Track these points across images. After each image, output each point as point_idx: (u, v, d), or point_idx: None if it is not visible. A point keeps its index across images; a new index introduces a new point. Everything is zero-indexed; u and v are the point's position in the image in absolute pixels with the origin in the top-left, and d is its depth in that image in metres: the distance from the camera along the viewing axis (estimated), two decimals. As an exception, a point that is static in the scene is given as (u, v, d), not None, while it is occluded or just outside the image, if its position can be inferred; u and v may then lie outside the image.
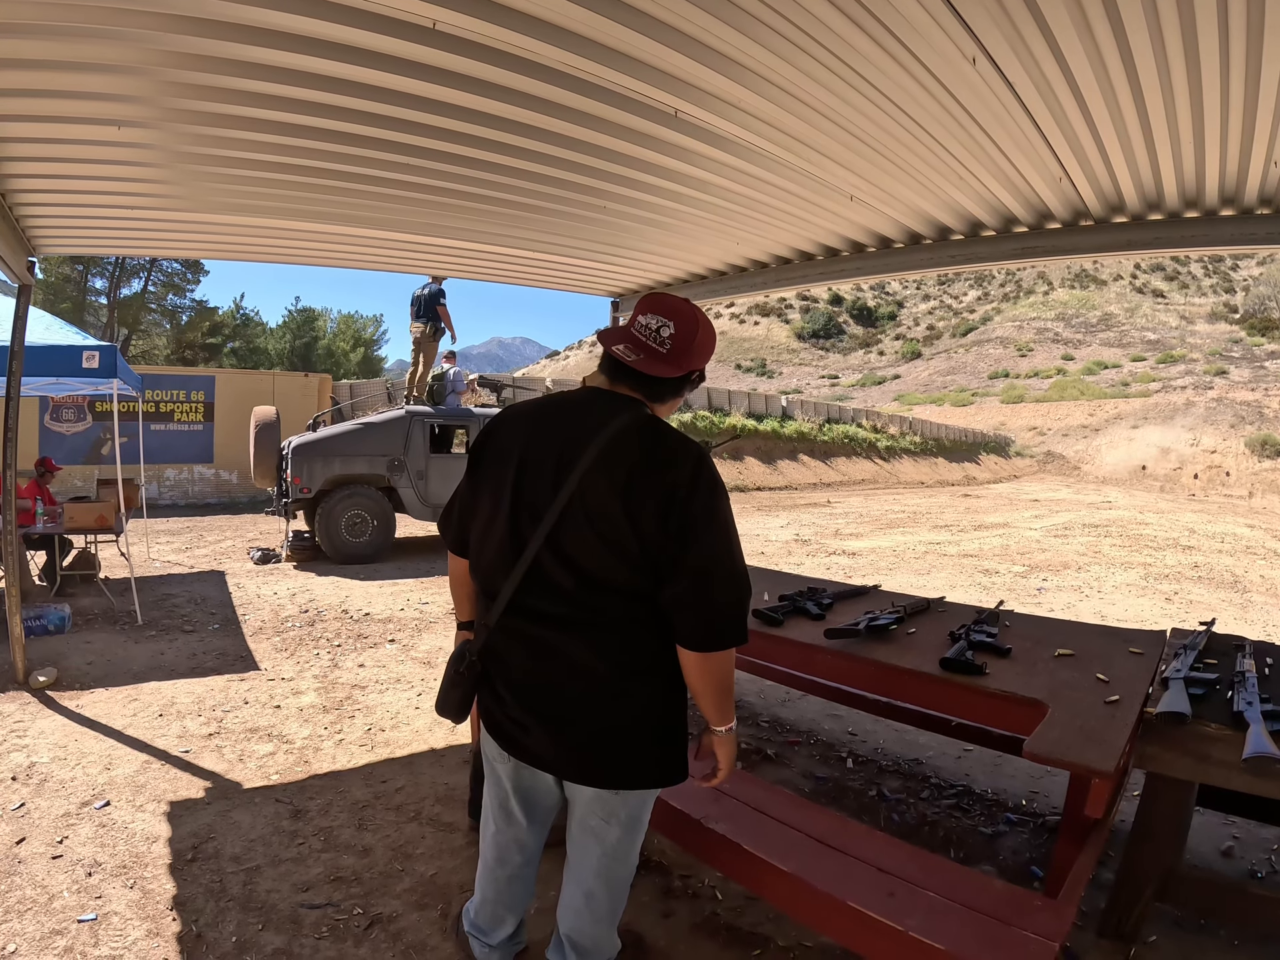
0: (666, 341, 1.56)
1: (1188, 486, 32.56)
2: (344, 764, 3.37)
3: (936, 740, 3.59)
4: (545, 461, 1.54)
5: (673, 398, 1.66)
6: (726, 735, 1.62)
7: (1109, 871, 2.46)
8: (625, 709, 1.55)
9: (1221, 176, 2.87)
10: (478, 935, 1.98)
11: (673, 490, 1.45)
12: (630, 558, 1.47)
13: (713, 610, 1.48)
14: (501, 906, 1.93)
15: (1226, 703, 2.04)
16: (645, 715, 1.57)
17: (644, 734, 1.58)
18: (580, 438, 1.52)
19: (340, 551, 8.13)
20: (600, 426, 1.52)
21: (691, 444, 1.55)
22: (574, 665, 1.54)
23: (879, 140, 2.67)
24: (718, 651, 1.50)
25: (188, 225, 3.98)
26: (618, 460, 1.48)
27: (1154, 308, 71.50)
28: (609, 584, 1.50)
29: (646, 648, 1.55)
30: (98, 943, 2.16)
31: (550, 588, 1.53)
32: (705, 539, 1.46)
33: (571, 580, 1.51)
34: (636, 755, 1.58)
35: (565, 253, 4.50)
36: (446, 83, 2.38)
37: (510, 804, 1.79)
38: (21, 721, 3.69)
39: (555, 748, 1.59)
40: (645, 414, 1.57)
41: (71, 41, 2.09)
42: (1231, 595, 7.70)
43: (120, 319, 25.40)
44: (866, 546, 10.68)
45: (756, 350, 79.31)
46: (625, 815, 1.65)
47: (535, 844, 1.88)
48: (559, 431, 1.57)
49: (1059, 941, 1.52)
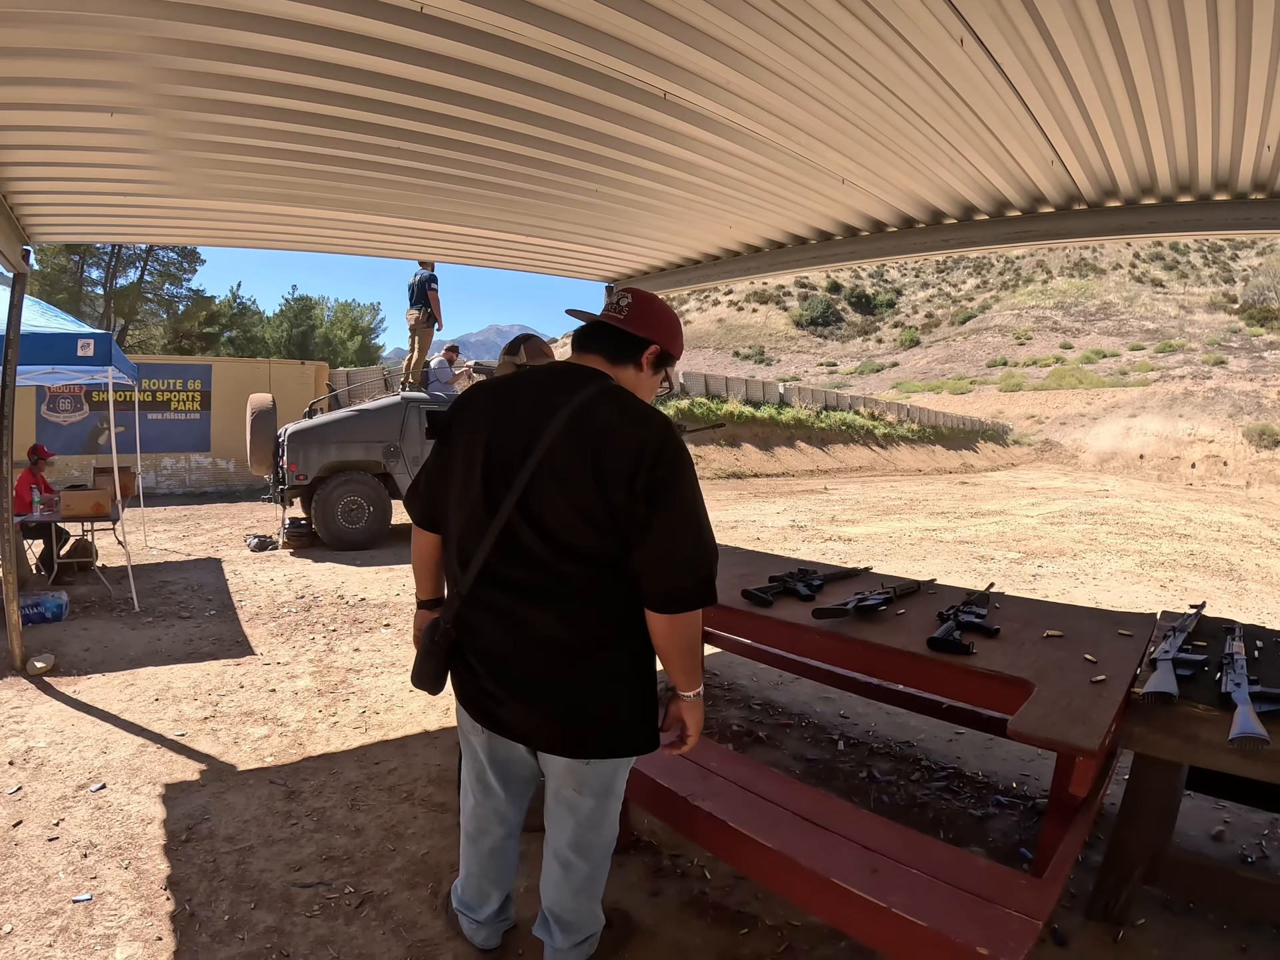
0: (625, 309, 1.67)
1: (1185, 476, 32.61)
2: (338, 746, 3.39)
3: (928, 723, 3.61)
4: (516, 430, 1.57)
5: (634, 366, 1.69)
6: (694, 700, 1.64)
7: (1098, 854, 2.46)
8: (594, 679, 1.57)
9: (1214, 160, 2.86)
10: (465, 912, 2.01)
11: (639, 455, 1.47)
12: (598, 522, 1.49)
13: (680, 572, 1.50)
14: (486, 881, 1.95)
15: (1215, 684, 2.04)
16: (614, 685, 1.58)
17: (613, 704, 1.59)
18: (549, 406, 1.56)
19: (336, 538, 8.14)
20: (569, 395, 1.56)
21: (656, 412, 1.58)
22: (542, 635, 1.55)
23: (869, 122, 2.66)
24: (685, 613, 1.53)
25: (182, 212, 3.97)
26: (585, 425, 1.52)
27: (1153, 297, 71.38)
28: (577, 549, 1.51)
29: (614, 617, 1.56)
30: (92, 922, 2.18)
31: (521, 554, 1.54)
32: (672, 503, 1.49)
33: (541, 545, 1.52)
34: (606, 725, 1.59)
35: (558, 237, 4.48)
36: (435, 66, 2.37)
37: (487, 776, 1.81)
38: (19, 707, 3.71)
39: (526, 718, 1.60)
40: (612, 384, 1.62)
41: (62, 29, 2.09)
42: (1227, 583, 7.70)
43: (117, 309, 25.26)
44: (862, 533, 10.69)
45: (755, 337, 79.15)
46: (597, 785, 1.67)
47: (515, 816, 1.89)
48: (529, 401, 1.60)
49: (1042, 919, 1.52)
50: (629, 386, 1.67)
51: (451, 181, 3.49)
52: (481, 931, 1.99)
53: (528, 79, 2.45)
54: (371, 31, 2.18)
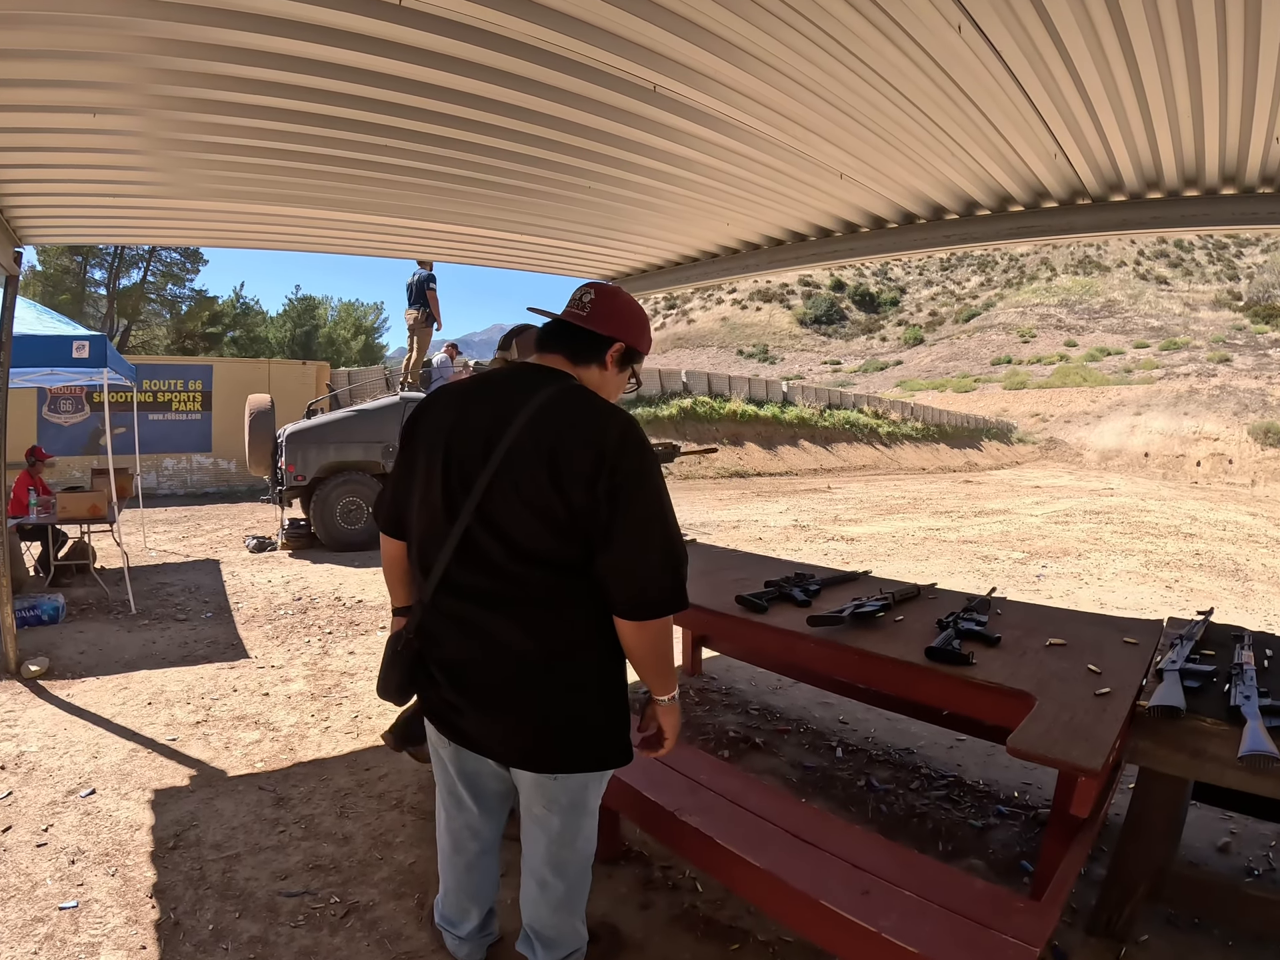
0: (587, 306, 1.61)
1: (1190, 474, 32.45)
2: (329, 751, 3.36)
3: (928, 730, 3.55)
4: (476, 433, 1.53)
5: (597, 365, 1.63)
6: (669, 704, 1.61)
7: (1101, 867, 2.41)
8: (556, 690, 1.51)
9: (1221, 154, 2.80)
10: (447, 928, 1.97)
11: (599, 457, 1.42)
12: (558, 525, 1.44)
13: (647, 576, 1.45)
14: (464, 896, 1.91)
15: (1223, 696, 1.96)
16: (578, 696, 1.53)
17: (578, 716, 1.54)
18: (509, 408, 1.51)
19: (335, 539, 8.11)
20: (528, 397, 1.51)
21: (618, 410, 1.53)
22: (502, 645, 1.51)
23: (866, 115, 2.60)
24: (654, 620, 1.47)
25: (178, 212, 3.94)
26: (543, 427, 1.47)
27: (1157, 294, 71.06)
28: (537, 554, 1.46)
29: (578, 625, 1.51)
30: (78, 930, 2.16)
31: (481, 561, 1.50)
32: (635, 505, 1.44)
33: (501, 552, 1.47)
34: (571, 738, 1.54)
35: (555, 235, 4.44)
36: (422, 61, 2.33)
37: (458, 789, 1.76)
38: (12, 711, 3.68)
39: (489, 731, 1.56)
40: (572, 384, 1.57)
41: (49, 29, 2.06)
42: (1233, 583, 7.63)
43: (119, 310, 25.31)
44: (865, 532, 10.63)
45: (758, 336, 79.06)
46: (566, 801, 1.61)
47: (490, 831, 1.84)
48: (489, 403, 1.56)
49: (1040, 946, 1.45)
50: (594, 386, 1.61)
51: (445, 180, 3.45)
52: (465, 947, 1.95)
53: (514, 73, 2.41)
54: (358, 28, 2.15)
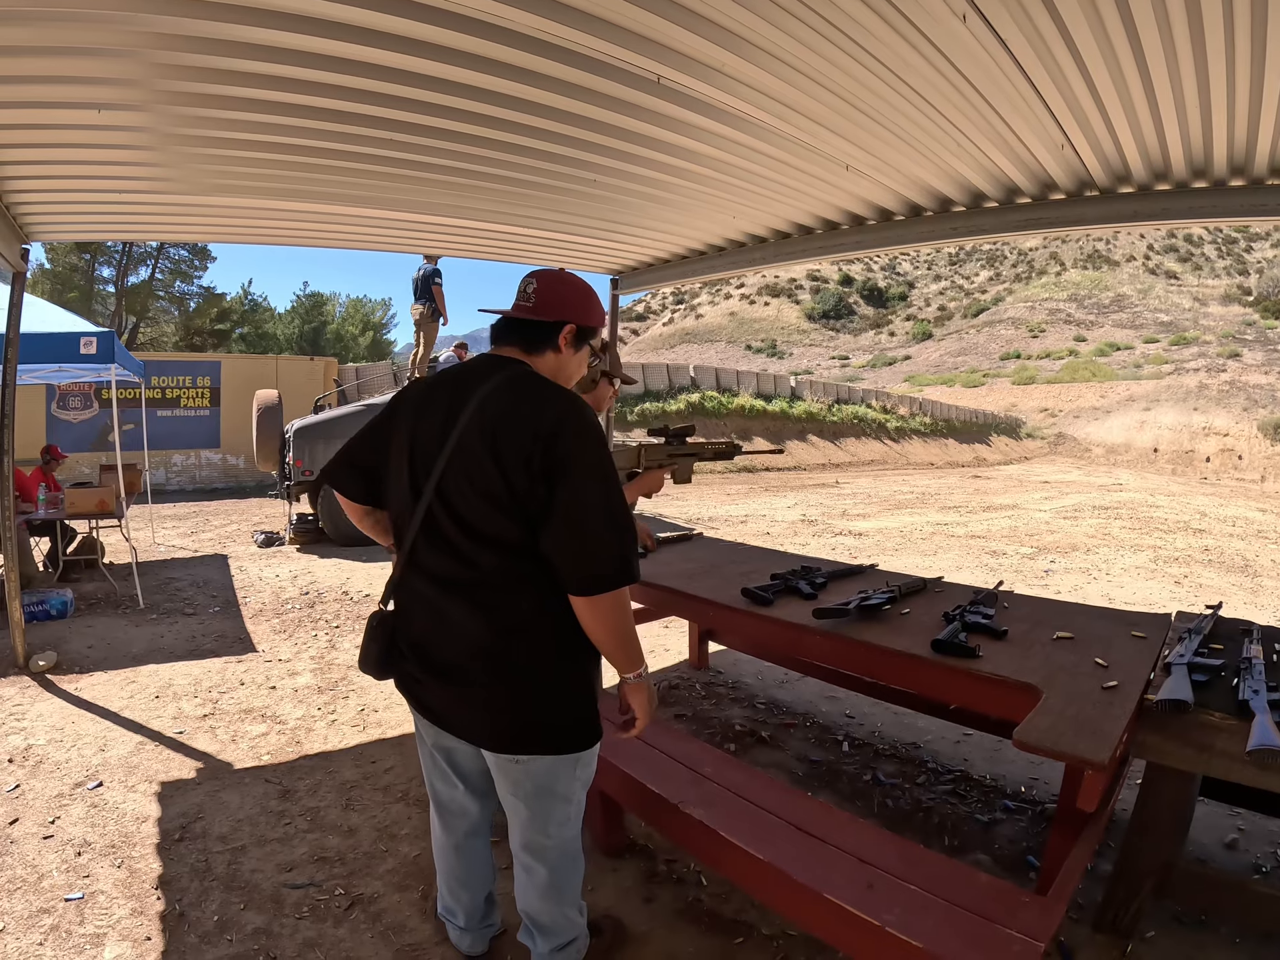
0: (532, 296, 1.66)
1: (1199, 470, 32.20)
2: (335, 744, 3.37)
3: (935, 724, 3.54)
4: (435, 420, 1.59)
5: (552, 350, 1.67)
6: (637, 682, 1.61)
7: (1107, 862, 2.39)
8: (509, 672, 1.54)
9: (1230, 144, 2.76)
10: (448, 918, 1.97)
11: (534, 435, 1.45)
12: (502, 505, 1.47)
13: (592, 552, 1.46)
14: (455, 881, 1.91)
15: (1232, 690, 1.94)
16: (531, 680, 1.55)
17: (531, 699, 1.55)
18: (463, 395, 1.57)
19: (343, 534, 8.12)
20: (480, 384, 1.57)
21: (565, 392, 1.57)
22: (457, 625, 1.56)
23: (871, 105, 2.58)
24: (605, 594, 1.47)
25: (185, 208, 3.94)
26: (488, 412, 1.51)
27: (1167, 289, 70.46)
28: (490, 537, 1.50)
29: (528, 606, 1.53)
30: (83, 921, 2.17)
31: (442, 543, 1.55)
32: (573, 482, 1.45)
33: (459, 534, 1.52)
34: (525, 721, 1.56)
35: (561, 229, 4.43)
36: (427, 55, 2.32)
37: (440, 765, 1.80)
38: (20, 705, 3.71)
39: (451, 707, 1.62)
40: (521, 370, 1.61)
41: (54, 26, 2.06)
42: (1242, 579, 7.57)
43: (128, 307, 25.42)
44: (873, 527, 10.59)
45: (767, 331, 78.82)
46: (531, 786, 1.63)
47: (476, 810, 1.85)
48: (446, 394, 1.62)
49: (1045, 942, 1.44)
50: (553, 370, 1.67)
51: (451, 173, 3.45)
52: (466, 938, 1.96)
53: (518, 65, 2.39)
54: (362, 21, 2.14)
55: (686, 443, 2.94)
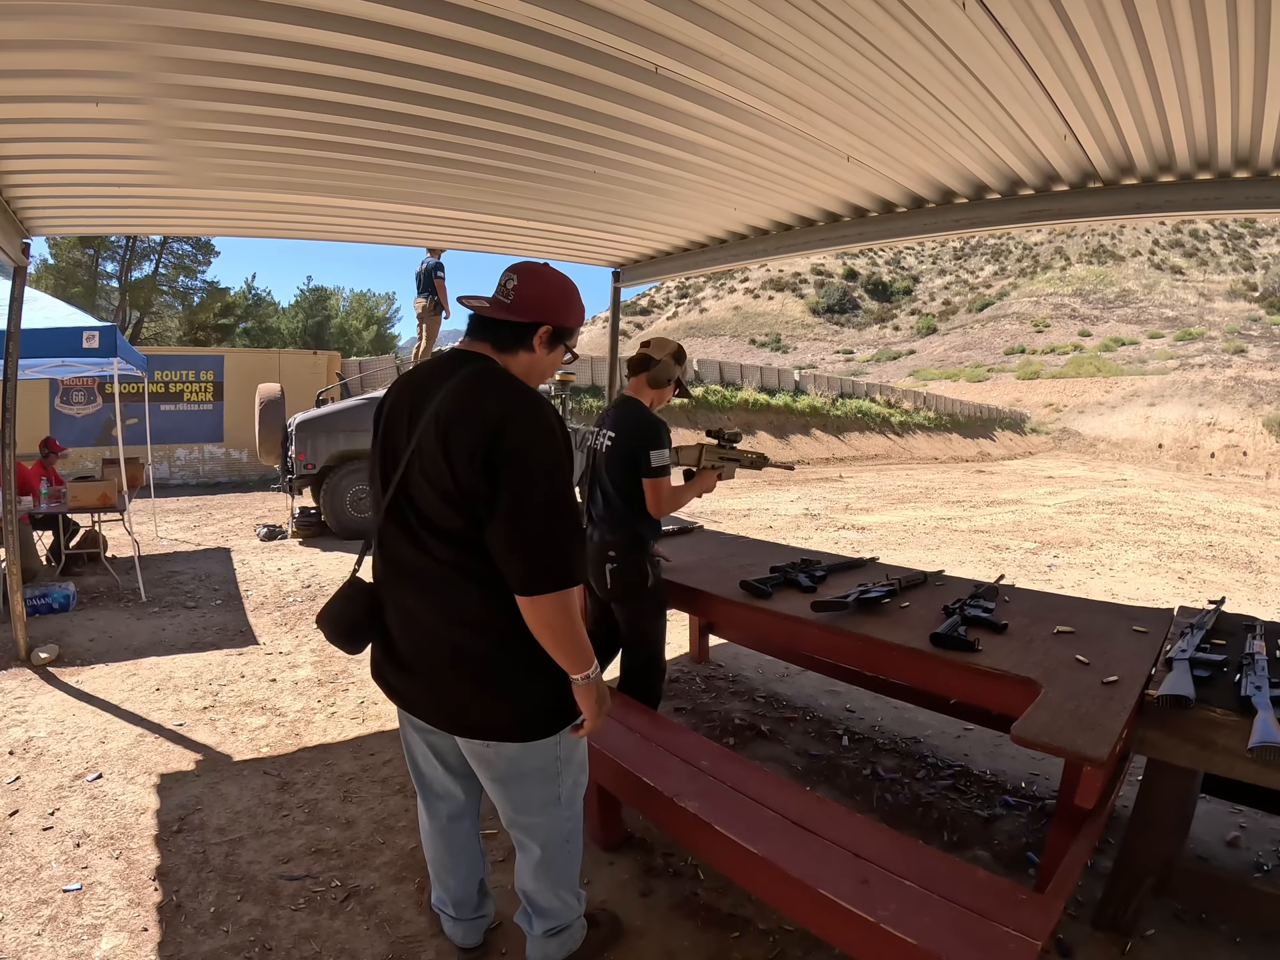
0: (511, 293, 1.62)
1: (1204, 465, 32.09)
2: (334, 737, 3.38)
3: (936, 719, 3.53)
4: (402, 413, 1.61)
5: (524, 350, 1.64)
6: (585, 684, 1.57)
7: (1107, 859, 2.37)
8: (461, 661, 1.56)
9: (1234, 135, 2.73)
10: (440, 908, 1.98)
11: (481, 430, 1.45)
12: (451, 499, 1.48)
13: (532, 553, 1.45)
14: (442, 869, 1.92)
15: (1234, 686, 1.92)
16: (485, 667, 1.56)
17: (488, 686, 1.57)
18: (430, 389, 1.57)
19: (345, 527, 8.13)
20: (444, 381, 1.56)
21: (521, 387, 1.55)
22: (411, 614, 1.61)
23: (871, 95, 2.55)
24: (542, 595, 1.46)
25: (187, 202, 3.93)
26: (445, 406, 1.51)
27: (1172, 284, 70.18)
28: (442, 530, 1.52)
29: (476, 598, 1.53)
30: (81, 912, 2.18)
31: (402, 531, 1.59)
32: (516, 474, 1.44)
33: (415, 522, 1.56)
34: (486, 707, 1.58)
35: (562, 221, 4.40)
36: (425, 46, 2.29)
37: (421, 747, 1.83)
38: (22, 697, 3.72)
39: (415, 693, 1.67)
40: (484, 367, 1.58)
41: (53, 19, 2.04)
42: (1246, 575, 7.53)
43: (132, 302, 25.39)
44: (876, 521, 10.57)
45: (771, 325, 78.70)
46: (505, 769, 1.65)
47: (459, 794, 1.86)
48: (417, 387, 1.63)
49: (1042, 940, 1.42)
50: (525, 368, 1.65)
51: (451, 165, 3.43)
52: (459, 928, 1.96)
53: (516, 56, 2.37)
54: (362, 13, 2.13)
55: (735, 448, 3.12)
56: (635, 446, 2.74)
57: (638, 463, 2.74)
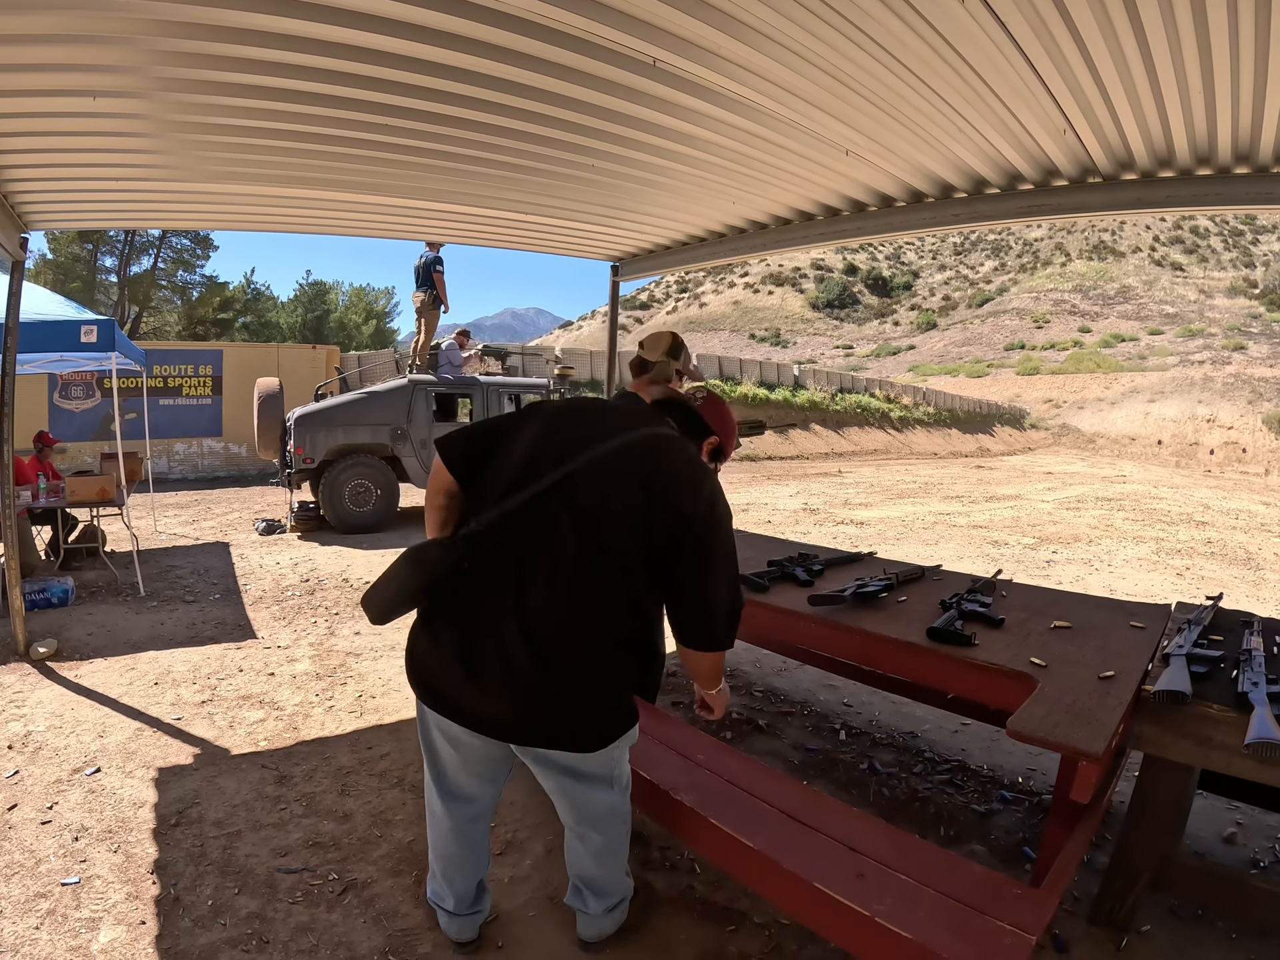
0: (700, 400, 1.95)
1: (1203, 462, 32.11)
2: (332, 730, 3.38)
3: (933, 714, 3.53)
4: (578, 434, 1.69)
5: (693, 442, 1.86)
6: (718, 693, 1.90)
7: (1104, 854, 2.37)
8: (582, 674, 1.62)
9: (1234, 130, 2.72)
10: (438, 903, 1.98)
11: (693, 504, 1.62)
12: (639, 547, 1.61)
13: (714, 620, 1.68)
14: (450, 866, 1.91)
15: (1231, 682, 1.91)
16: (604, 685, 1.66)
17: (595, 701, 1.65)
18: (617, 425, 1.70)
19: (344, 521, 8.14)
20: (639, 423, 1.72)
21: (711, 473, 1.75)
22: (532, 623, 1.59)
23: (870, 89, 2.54)
24: (714, 653, 1.74)
25: (185, 196, 3.93)
26: (646, 458, 1.64)
27: (1172, 281, 70.17)
28: (616, 558, 1.60)
29: (626, 624, 1.65)
30: (79, 905, 2.18)
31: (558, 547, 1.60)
32: (710, 560, 1.64)
33: (580, 544, 1.59)
34: (585, 721, 1.65)
35: (560, 215, 4.40)
36: (424, 39, 2.30)
37: (450, 755, 1.79)
38: (21, 692, 3.72)
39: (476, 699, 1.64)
40: (678, 435, 1.78)
41: (50, 13, 2.04)
42: (1244, 572, 7.54)
43: (131, 296, 25.30)
44: (875, 516, 10.58)
45: (770, 320, 78.64)
46: (575, 775, 1.71)
47: (488, 799, 1.88)
48: (596, 416, 1.77)
49: (1037, 935, 1.41)
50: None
51: (450, 159, 3.42)
52: (455, 923, 1.96)
53: (514, 49, 2.37)
54: (361, 6, 2.13)
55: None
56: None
57: None
